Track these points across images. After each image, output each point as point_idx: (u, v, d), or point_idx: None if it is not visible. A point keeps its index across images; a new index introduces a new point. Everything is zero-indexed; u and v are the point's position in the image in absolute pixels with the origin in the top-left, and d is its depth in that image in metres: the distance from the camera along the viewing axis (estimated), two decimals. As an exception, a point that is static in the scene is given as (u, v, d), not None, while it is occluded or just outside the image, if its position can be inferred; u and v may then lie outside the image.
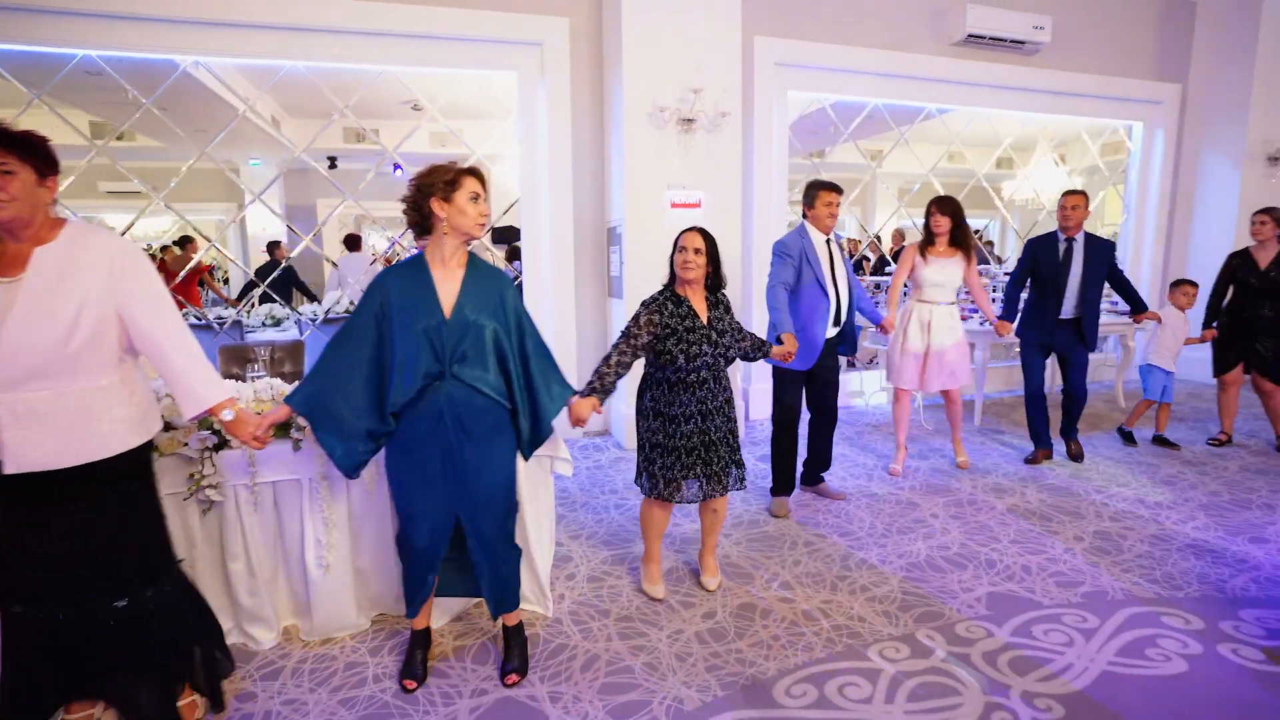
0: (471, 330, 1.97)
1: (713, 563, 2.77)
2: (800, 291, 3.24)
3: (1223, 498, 3.60)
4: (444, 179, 1.95)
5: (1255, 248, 4.25)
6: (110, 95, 5.26)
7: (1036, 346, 4.08)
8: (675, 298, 2.48)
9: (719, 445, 2.53)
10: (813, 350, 3.25)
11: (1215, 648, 2.27)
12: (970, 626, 2.42)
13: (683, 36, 4.23)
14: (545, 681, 2.14)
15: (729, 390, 2.60)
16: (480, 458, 2.02)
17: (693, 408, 2.47)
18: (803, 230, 3.31)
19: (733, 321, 2.62)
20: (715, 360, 2.49)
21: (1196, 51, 6.33)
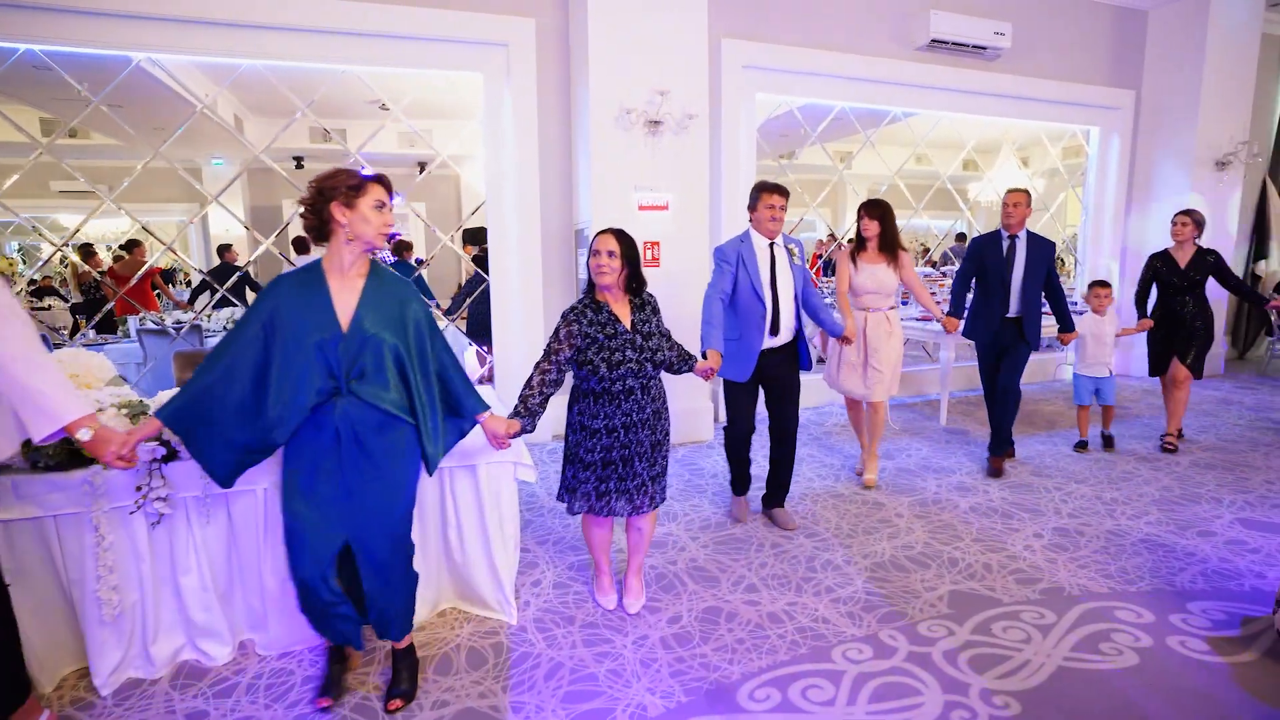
0: (370, 344, 1.89)
1: (636, 584, 2.63)
2: (736, 299, 3.11)
3: (1174, 493, 3.71)
4: (348, 183, 1.86)
5: (1175, 248, 4.40)
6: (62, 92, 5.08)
7: (988, 346, 4.07)
8: (594, 304, 2.37)
9: (638, 460, 2.40)
10: (748, 359, 3.11)
11: (1164, 640, 2.33)
12: (932, 626, 2.45)
13: (650, 39, 4.23)
14: (508, 691, 2.11)
15: (660, 400, 2.49)
16: (377, 478, 1.93)
17: (616, 420, 2.36)
18: (745, 235, 3.19)
19: (661, 325, 2.51)
20: (641, 366, 2.36)
21: (1149, 60, 6.53)
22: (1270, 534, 3.18)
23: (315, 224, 1.89)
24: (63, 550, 2.04)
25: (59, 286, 8.90)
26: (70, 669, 2.19)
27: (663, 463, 2.51)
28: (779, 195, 3.11)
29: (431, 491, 2.43)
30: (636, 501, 2.44)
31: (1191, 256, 4.35)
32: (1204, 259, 4.33)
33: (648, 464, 2.44)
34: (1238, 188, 6.58)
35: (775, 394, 3.23)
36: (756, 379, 3.17)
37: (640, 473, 2.42)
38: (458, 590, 2.55)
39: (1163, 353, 4.46)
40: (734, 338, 3.10)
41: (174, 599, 2.22)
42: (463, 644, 2.36)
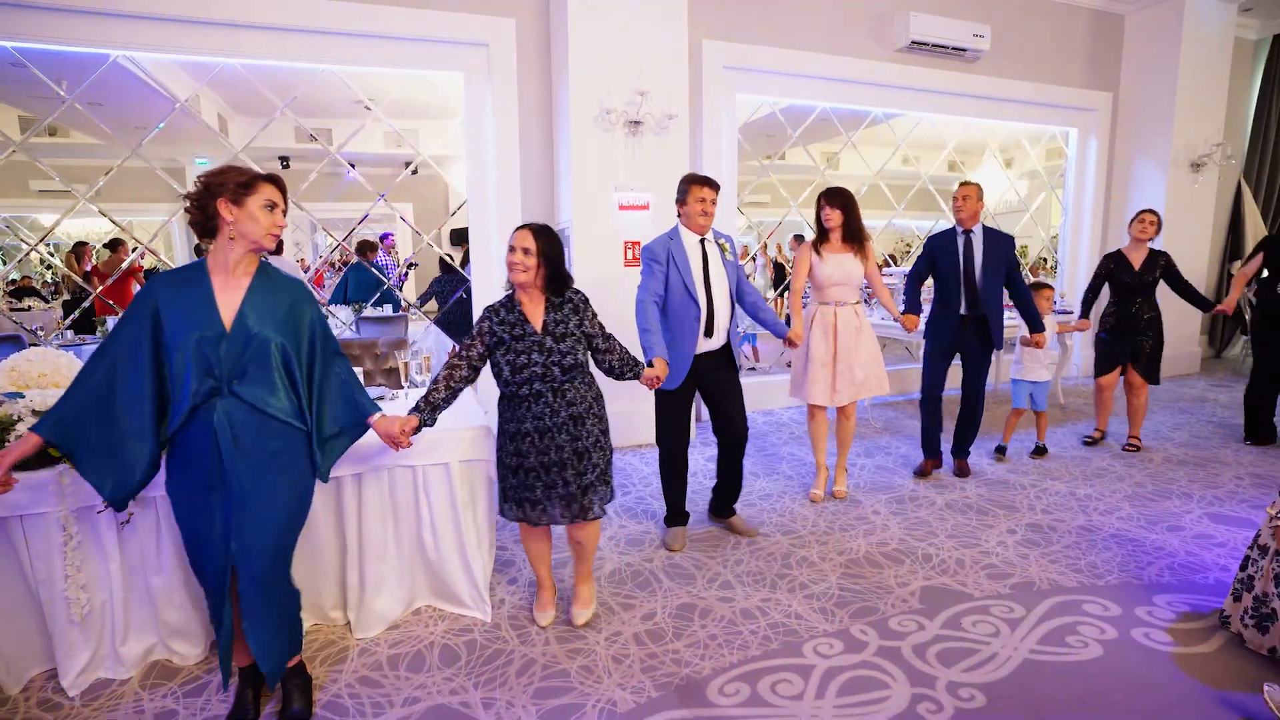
0: (254, 344, 1.81)
1: (585, 591, 2.52)
2: (668, 300, 2.91)
3: (1146, 489, 3.77)
4: (237, 180, 1.79)
5: (1130, 248, 4.34)
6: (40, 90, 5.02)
7: (944, 348, 3.87)
8: (509, 303, 2.29)
9: (565, 467, 2.28)
10: (681, 365, 2.91)
11: (1129, 632, 2.37)
12: (903, 620, 2.48)
13: (630, 39, 4.25)
14: (479, 688, 2.12)
15: (583, 404, 2.31)
16: (259, 485, 1.82)
17: (527, 424, 2.26)
18: (674, 231, 2.99)
19: (590, 327, 2.36)
20: (548, 370, 2.24)
21: (1126, 62, 6.62)
22: (1237, 528, 3.23)
23: (200, 219, 1.81)
24: (30, 550, 2.03)
25: (40, 287, 8.80)
26: (38, 670, 2.18)
27: (596, 472, 2.34)
28: (709, 188, 2.93)
29: (405, 489, 2.43)
30: (570, 512, 2.32)
31: (1145, 257, 4.30)
32: (1156, 260, 4.30)
33: (575, 473, 2.30)
34: (1212, 189, 6.68)
35: (719, 399, 3.02)
36: (691, 386, 2.97)
37: (568, 481, 2.29)
38: (432, 588, 2.56)
39: (1108, 355, 4.37)
40: (665, 342, 2.87)
41: (145, 599, 2.21)
42: (436, 641, 2.36)
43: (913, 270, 3.97)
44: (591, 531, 2.45)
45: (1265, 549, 2.23)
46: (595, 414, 2.37)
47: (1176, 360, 6.77)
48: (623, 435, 4.52)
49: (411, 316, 6.07)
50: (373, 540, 2.39)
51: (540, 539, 2.46)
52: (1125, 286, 4.31)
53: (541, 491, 2.30)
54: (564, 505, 2.31)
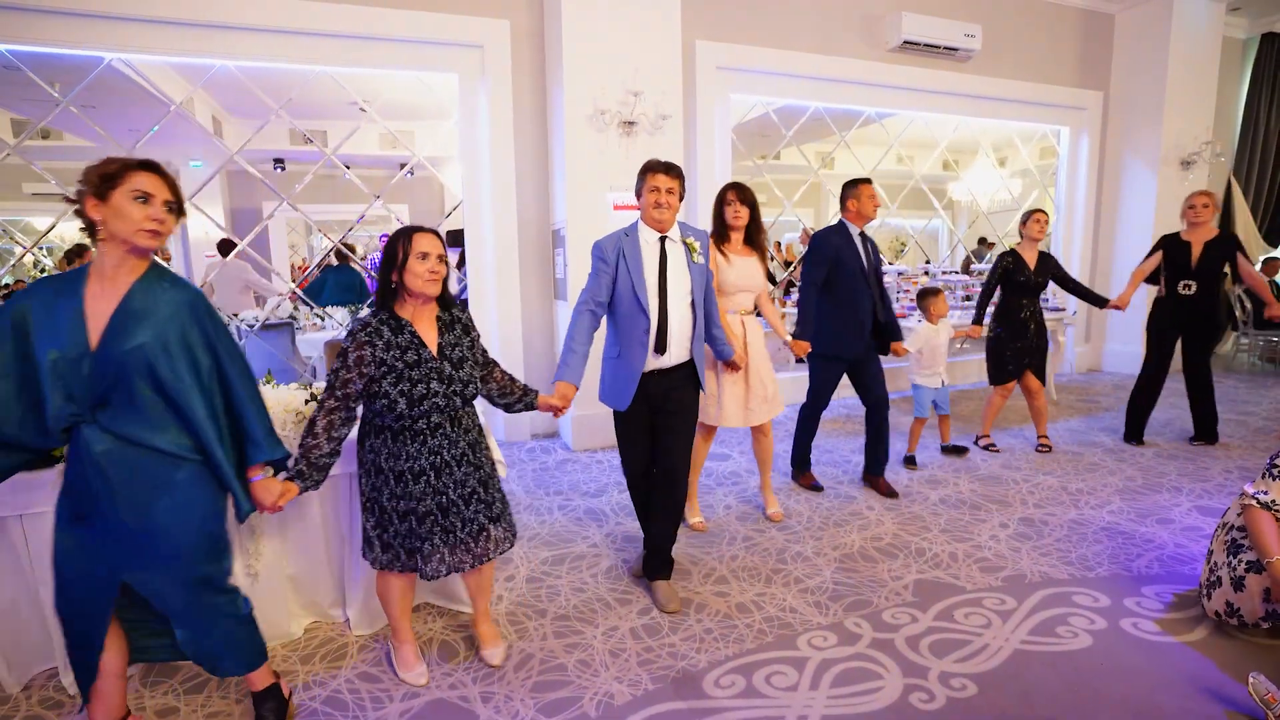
0: (123, 365, 1.55)
1: (491, 630, 2.27)
2: (616, 307, 2.51)
3: (1137, 483, 3.81)
4: (101, 172, 1.55)
5: (1025, 247, 4.26)
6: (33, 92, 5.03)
7: (844, 362, 3.54)
8: (393, 322, 1.94)
9: (462, 505, 2.02)
10: (627, 384, 2.50)
11: (1118, 623, 2.41)
12: (896, 613, 2.51)
13: (623, 40, 4.28)
14: (478, 682, 2.15)
15: (476, 429, 2.09)
16: (144, 523, 1.62)
17: (423, 461, 1.95)
18: (632, 227, 2.57)
19: (476, 350, 2.11)
20: (450, 401, 1.96)
21: (1116, 61, 6.68)
22: (1226, 521, 3.28)
23: (85, 223, 1.59)
24: (29, 549, 2.04)
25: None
26: (40, 669, 2.19)
27: (501, 498, 2.13)
28: (665, 175, 2.49)
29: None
30: (476, 551, 2.05)
31: (1038, 258, 4.25)
32: (1047, 261, 4.27)
33: (484, 504, 2.05)
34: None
35: (663, 424, 2.57)
36: (646, 406, 2.55)
37: (476, 516, 2.04)
38: (431, 585, 2.57)
39: (1013, 361, 4.25)
40: (613, 355, 2.56)
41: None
42: (435, 638, 2.39)
43: (813, 277, 3.49)
44: (491, 570, 2.23)
45: (1227, 525, 2.34)
46: (483, 441, 2.14)
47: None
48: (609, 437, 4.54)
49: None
50: (371, 538, 2.41)
51: (408, 583, 2.14)
52: (1021, 287, 4.23)
53: (441, 538, 2.00)
54: (468, 547, 2.04)
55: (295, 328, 5.36)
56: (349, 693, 2.11)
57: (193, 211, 7.88)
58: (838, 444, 4.61)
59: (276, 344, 5.04)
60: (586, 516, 3.44)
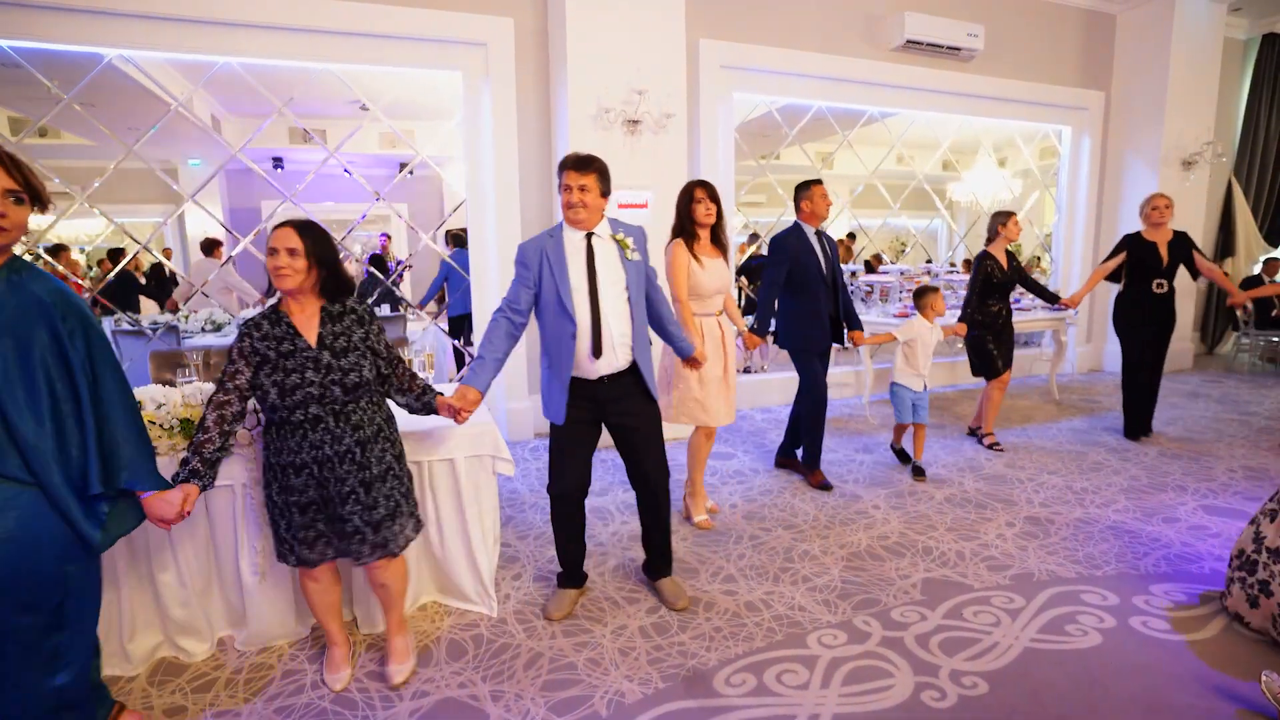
0: None
1: (401, 645, 2.17)
2: (543, 313, 2.37)
3: (1141, 482, 3.82)
4: None
5: (996, 247, 4.35)
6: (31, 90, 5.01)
7: (822, 355, 3.68)
8: (274, 315, 1.95)
9: (344, 503, 1.95)
10: (558, 395, 2.35)
11: (1127, 621, 2.40)
12: (905, 611, 2.51)
13: (627, 38, 4.27)
14: (487, 681, 2.14)
15: (370, 427, 1.99)
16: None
17: (305, 455, 1.91)
18: (557, 229, 2.41)
19: (376, 343, 2.04)
20: (326, 391, 1.90)
21: (1117, 61, 6.69)
22: (1231, 519, 3.28)
23: None
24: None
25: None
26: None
27: (390, 504, 2.03)
28: (576, 171, 2.31)
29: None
30: (354, 550, 2.00)
31: (1007, 258, 4.35)
32: (1013, 260, 4.38)
33: (362, 507, 1.97)
34: (1204, 187, 6.76)
35: (626, 438, 2.45)
36: (591, 419, 2.42)
37: (351, 517, 1.96)
38: (438, 584, 2.57)
39: (1003, 354, 4.37)
40: (545, 365, 2.44)
41: (151, 596, 2.21)
42: (443, 636, 2.38)
43: (774, 276, 3.60)
44: (396, 571, 2.11)
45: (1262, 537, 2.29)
46: (386, 437, 2.05)
47: (1169, 356, 6.82)
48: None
49: (410, 317, 6.07)
50: (379, 536, 2.40)
51: (327, 585, 2.11)
52: (1000, 287, 4.34)
53: (325, 525, 1.99)
54: (348, 543, 2.00)
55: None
56: (358, 692, 2.09)
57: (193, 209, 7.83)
58: (840, 443, 4.61)
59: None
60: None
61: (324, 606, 2.13)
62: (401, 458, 2.11)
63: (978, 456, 4.30)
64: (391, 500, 2.03)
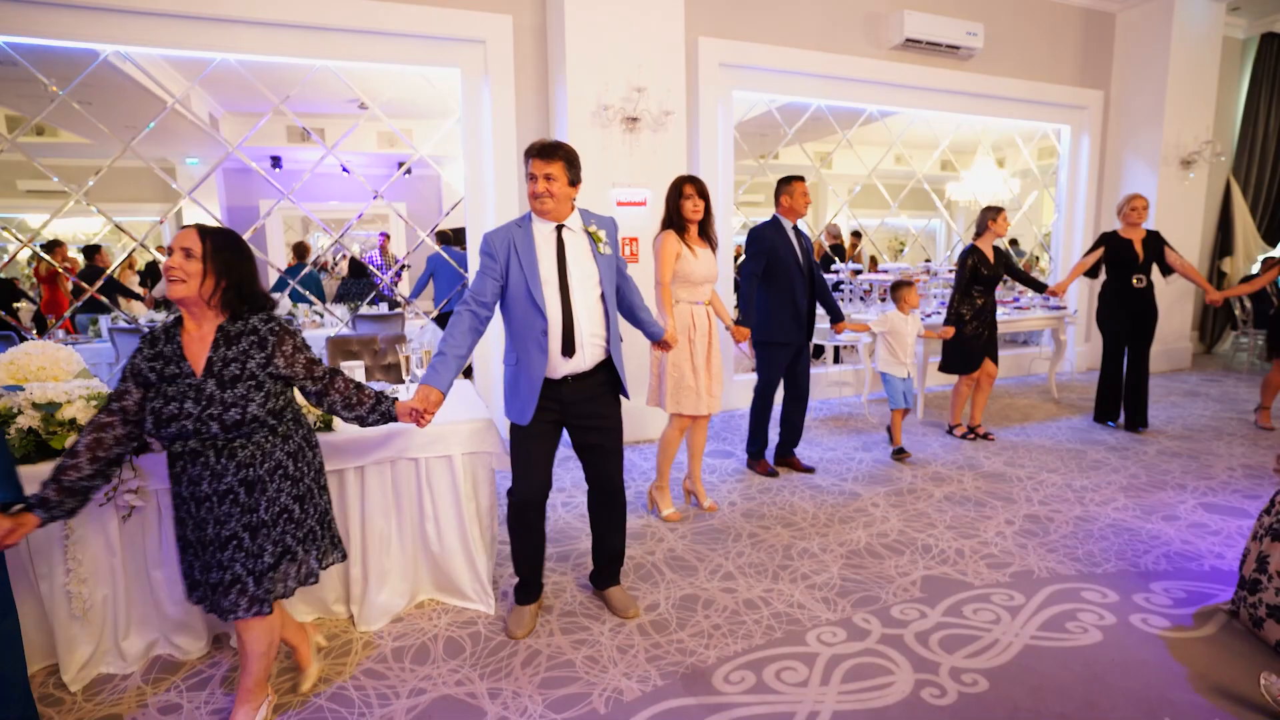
0: None
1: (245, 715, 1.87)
2: (510, 308, 2.25)
3: (1141, 480, 3.81)
4: None
5: (984, 242, 4.41)
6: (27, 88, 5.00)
7: (787, 348, 3.76)
8: (170, 330, 1.76)
9: (221, 548, 1.73)
10: (528, 394, 2.23)
11: (1127, 618, 2.40)
12: (905, 609, 2.49)
13: (627, 35, 4.26)
14: (485, 678, 2.12)
15: (264, 465, 1.76)
16: None
17: (183, 489, 1.73)
18: (525, 218, 2.31)
19: (284, 368, 1.79)
20: (203, 426, 1.67)
21: (1117, 60, 6.69)
22: (1230, 517, 3.27)
23: None
24: (29, 544, 2.02)
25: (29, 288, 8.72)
26: (39, 665, 2.16)
27: (276, 551, 1.78)
28: (542, 159, 2.19)
29: (409, 482, 2.43)
30: (228, 605, 1.75)
31: (994, 252, 4.42)
32: (1000, 254, 4.44)
33: (245, 554, 1.74)
34: (1203, 186, 6.76)
35: (587, 440, 2.36)
36: (554, 420, 2.31)
37: (227, 563, 1.73)
38: (435, 581, 2.55)
39: (983, 349, 4.44)
40: (510, 362, 2.31)
41: (146, 593, 2.20)
42: (440, 634, 2.36)
43: (749, 272, 3.71)
44: (260, 631, 1.82)
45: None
46: (288, 474, 1.81)
47: (1168, 355, 6.85)
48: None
49: (408, 315, 6.05)
50: (376, 533, 2.39)
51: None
52: (988, 281, 4.41)
53: (200, 573, 1.77)
54: (232, 593, 1.75)
55: (295, 325, 5.33)
56: (355, 689, 2.08)
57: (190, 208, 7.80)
58: (839, 442, 4.60)
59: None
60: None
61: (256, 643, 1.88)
62: (306, 497, 1.86)
63: (977, 454, 4.29)
64: (280, 546, 1.79)
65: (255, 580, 1.75)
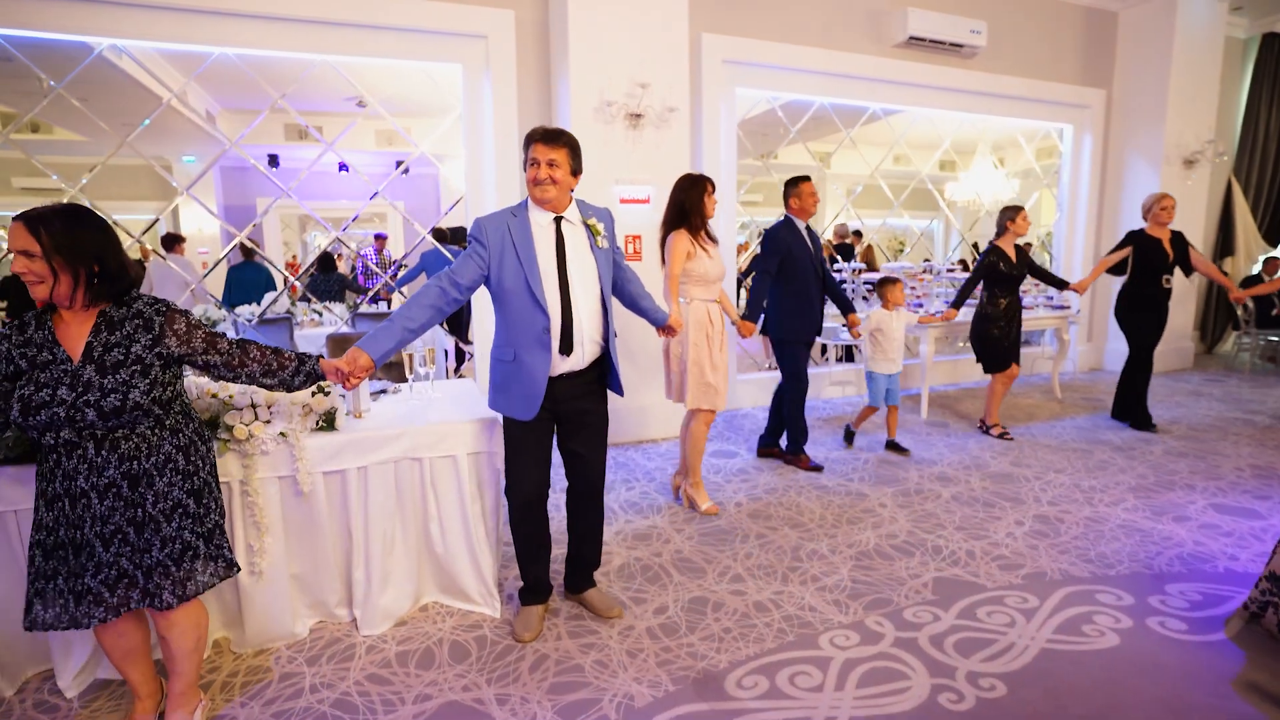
0: None
1: (178, 704, 1.83)
2: (505, 300, 2.15)
3: (1149, 480, 3.78)
4: None
5: (1007, 243, 4.40)
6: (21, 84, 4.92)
7: (808, 344, 3.84)
8: (42, 316, 1.68)
9: (98, 546, 1.63)
10: (531, 390, 2.15)
11: (1144, 621, 2.36)
12: (917, 611, 2.45)
13: (630, 31, 4.22)
14: (492, 684, 2.07)
15: (151, 458, 1.68)
16: None
17: (57, 485, 1.63)
18: (521, 206, 2.22)
19: (176, 347, 1.72)
20: (78, 413, 1.59)
21: (1119, 60, 6.68)
22: (1241, 518, 3.24)
23: None
24: (24, 545, 1.96)
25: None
26: (34, 671, 2.11)
27: (177, 546, 1.70)
28: (545, 144, 2.13)
29: (412, 482, 2.38)
30: (111, 602, 1.65)
31: (1017, 252, 4.42)
32: (1023, 254, 4.43)
33: (131, 548, 1.66)
34: (1205, 185, 6.75)
35: (573, 438, 2.31)
36: (549, 416, 2.24)
37: (115, 560, 1.65)
38: (439, 583, 2.50)
39: (1010, 349, 4.44)
40: (507, 359, 2.20)
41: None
42: (445, 638, 2.31)
43: (763, 270, 3.73)
44: (182, 622, 1.75)
45: None
46: (179, 469, 1.73)
47: (1169, 355, 6.82)
48: (620, 431, 4.48)
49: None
50: (379, 535, 2.34)
51: (125, 630, 1.79)
52: (1009, 279, 4.39)
53: (65, 580, 1.65)
54: (75, 601, 1.64)
55: (293, 323, 5.27)
56: (359, 695, 2.03)
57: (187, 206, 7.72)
58: (842, 441, 4.56)
59: (274, 339, 4.94)
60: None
61: (120, 652, 1.80)
62: (202, 491, 1.78)
63: (983, 454, 4.26)
64: (177, 543, 1.70)
65: (145, 574, 1.67)
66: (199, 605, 1.82)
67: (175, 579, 1.71)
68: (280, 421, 2.19)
